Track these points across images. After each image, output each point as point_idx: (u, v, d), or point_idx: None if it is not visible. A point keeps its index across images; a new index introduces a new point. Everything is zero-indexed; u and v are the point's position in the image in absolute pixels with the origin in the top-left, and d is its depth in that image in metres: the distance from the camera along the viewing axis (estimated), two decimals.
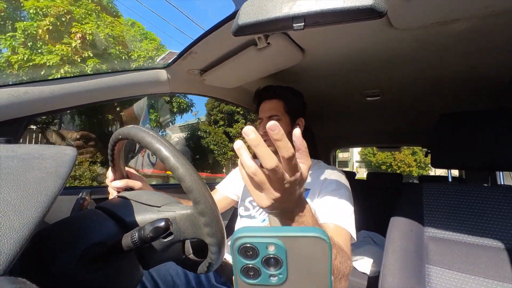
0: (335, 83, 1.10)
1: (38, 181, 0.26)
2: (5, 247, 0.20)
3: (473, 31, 0.66)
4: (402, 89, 1.12)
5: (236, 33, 0.44)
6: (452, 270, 0.64)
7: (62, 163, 0.30)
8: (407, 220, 0.75)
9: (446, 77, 0.97)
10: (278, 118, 0.86)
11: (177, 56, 0.83)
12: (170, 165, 0.39)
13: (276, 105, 0.87)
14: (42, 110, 0.67)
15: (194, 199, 0.39)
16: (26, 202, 0.23)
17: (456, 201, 0.73)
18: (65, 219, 0.39)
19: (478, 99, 1.15)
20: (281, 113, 0.87)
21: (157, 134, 0.42)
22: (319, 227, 0.26)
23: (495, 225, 0.65)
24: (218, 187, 1.03)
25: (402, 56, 0.82)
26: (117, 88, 0.79)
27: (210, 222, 0.39)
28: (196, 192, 0.38)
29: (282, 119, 0.86)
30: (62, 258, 0.32)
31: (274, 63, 0.85)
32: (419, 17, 0.59)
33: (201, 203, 0.39)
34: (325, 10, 0.37)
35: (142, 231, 0.35)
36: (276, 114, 0.86)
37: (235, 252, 0.23)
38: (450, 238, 0.69)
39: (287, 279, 0.23)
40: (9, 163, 0.27)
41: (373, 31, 0.68)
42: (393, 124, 1.73)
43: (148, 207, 0.44)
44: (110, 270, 0.36)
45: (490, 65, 0.85)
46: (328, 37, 0.73)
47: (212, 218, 0.39)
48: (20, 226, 0.21)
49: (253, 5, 0.41)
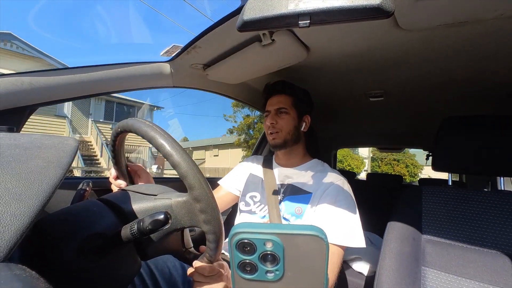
0: (338, 83, 1.09)
1: (39, 170, 0.26)
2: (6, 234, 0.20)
3: (480, 34, 0.65)
4: (406, 90, 1.11)
5: (241, 29, 0.44)
6: (448, 273, 0.64)
7: (64, 153, 0.30)
8: (405, 222, 0.75)
9: (451, 80, 0.96)
10: (286, 111, 0.87)
11: (181, 50, 0.83)
12: (165, 151, 0.39)
13: (285, 99, 0.89)
14: (45, 100, 0.67)
15: (189, 185, 0.39)
16: (27, 190, 0.23)
17: (456, 205, 0.73)
18: (65, 208, 0.40)
19: (483, 103, 1.14)
20: (289, 106, 0.88)
21: (152, 124, 0.42)
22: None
23: (493, 230, 0.65)
24: (220, 182, 1.03)
25: (408, 57, 0.82)
26: (120, 80, 0.79)
27: (206, 208, 0.39)
28: (191, 178, 0.39)
29: (289, 113, 0.88)
30: (61, 247, 0.33)
31: (278, 60, 0.84)
32: (427, 19, 0.58)
33: (196, 188, 0.39)
34: (332, 8, 0.37)
35: (142, 223, 0.36)
36: (284, 107, 0.88)
37: (232, 247, 0.23)
38: (448, 241, 0.69)
39: (284, 276, 0.24)
40: (11, 151, 0.27)
41: (379, 31, 0.68)
42: (395, 126, 1.72)
43: (145, 196, 0.45)
44: (108, 260, 0.37)
45: (497, 70, 0.84)
46: (333, 36, 0.73)
47: (207, 204, 0.39)
48: (21, 214, 0.22)
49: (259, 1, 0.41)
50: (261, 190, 0.89)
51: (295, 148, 0.91)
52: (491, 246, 0.64)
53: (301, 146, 0.93)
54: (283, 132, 0.86)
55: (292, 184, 0.85)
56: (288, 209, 0.80)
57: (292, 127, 0.87)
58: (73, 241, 0.34)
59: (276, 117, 0.87)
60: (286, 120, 0.87)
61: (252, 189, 0.92)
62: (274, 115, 0.88)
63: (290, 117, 0.87)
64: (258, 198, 0.88)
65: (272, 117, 0.87)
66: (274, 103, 0.89)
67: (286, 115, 0.87)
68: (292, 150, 0.91)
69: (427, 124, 1.52)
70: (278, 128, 0.86)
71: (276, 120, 0.87)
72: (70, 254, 0.33)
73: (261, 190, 0.89)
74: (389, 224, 0.77)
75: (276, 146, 0.87)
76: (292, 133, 0.87)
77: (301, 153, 0.93)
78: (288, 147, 0.89)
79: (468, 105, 1.17)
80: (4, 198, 0.22)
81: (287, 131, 0.86)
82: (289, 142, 0.87)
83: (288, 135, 0.87)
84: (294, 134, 0.88)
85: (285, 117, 0.87)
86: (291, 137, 0.87)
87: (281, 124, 0.86)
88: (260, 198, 0.88)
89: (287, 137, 0.87)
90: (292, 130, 0.87)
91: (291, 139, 0.87)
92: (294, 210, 0.79)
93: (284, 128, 0.86)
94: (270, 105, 0.90)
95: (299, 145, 0.92)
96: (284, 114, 0.87)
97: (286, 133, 0.86)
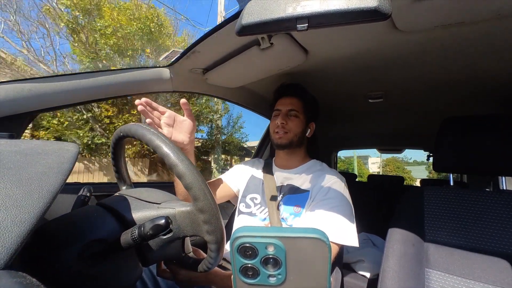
0: (338, 85, 1.10)
1: (40, 176, 0.26)
2: (7, 241, 0.20)
3: (478, 35, 0.65)
4: (406, 92, 1.11)
5: (239, 33, 0.44)
6: (451, 274, 0.64)
7: (64, 159, 0.30)
8: (407, 223, 0.75)
9: (450, 80, 0.96)
10: (297, 114, 0.89)
11: (180, 54, 0.83)
12: (170, 161, 0.39)
13: (297, 102, 0.90)
14: (45, 106, 0.67)
15: (194, 196, 0.39)
16: (28, 197, 0.23)
17: (458, 206, 0.72)
18: (66, 214, 0.40)
19: (482, 103, 1.14)
20: (300, 110, 0.89)
21: (158, 132, 0.42)
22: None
23: (496, 230, 0.65)
24: (221, 176, 1.02)
25: (406, 58, 0.82)
26: (120, 85, 0.79)
27: (210, 219, 0.39)
28: (196, 189, 0.38)
29: (299, 117, 0.89)
30: (62, 253, 0.33)
31: (277, 64, 0.85)
32: (424, 20, 0.59)
33: (201, 200, 0.39)
34: (329, 11, 0.37)
35: (142, 228, 0.35)
36: (296, 109, 0.89)
37: (234, 252, 0.23)
38: (451, 242, 0.68)
39: (286, 280, 0.23)
40: (12, 158, 0.27)
41: (377, 33, 0.68)
42: (395, 127, 1.72)
43: (147, 204, 0.45)
44: (110, 266, 0.36)
45: (496, 69, 0.84)
46: (331, 39, 0.73)
47: (211, 215, 0.39)
48: (22, 220, 0.22)
49: (257, 5, 0.41)
50: (262, 193, 0.89)
51: (297, 151, 0.92)
52: (494, 246, 0.63)
53: (303, 149, 0.94)
54: (291, 133, 0.88)
55: (290, 184, 0.86)
56: (287, 208, 0.81)
57: (299, 131, 0.89)
58: (74, 247, 0.33)
59: (287, 118, 0.89)
60: (295, 122, 0.88)
61: (253, 191, 0.91)
62: (285, 115, 0.89)
63: (299, 121, 0.89)
64: (259, 200, 0.88)
65: (283, 117, 0.88)
66: (287, 103, 0.90)
67: (296, 118, 0.89)
68: (294, 152, 0.92)
69: (428, 124, 1.52)
70: (287, 129, 0.87)
71: (286, 120, 0.88)
72: (71, 260, 0.33)
73: (261, 192, 0.89)
74: (391, 224, 0.77)
75: (281, 145, 0.88)
76: (299, 137, 0.89)
77: (302, 155, 0.94)
78: (291, 149, 0.90)
79: (468, 105, 1.17)
80: (5, 205, 0.22)
81: (295, 133, 0.88)
82: (293, 144, 0.89)
83: (295, 137, 0.88)
84: (300, 138, 0.89)
85: (295, 120, 0.88)
86: (297, 140, 0.89)
87: (291, 125, 0.88)
88: (260, 200, 0.88)
89: (294, 139, 0.88)
90: (299, 134, 0.89)
91: (296, 141, 0.89)
92: (292, 209, 0.80)
93: (293, 130, 0.88)
94: (282, 104, 0.91)
95: (301, 148, 0.93)
96: (295, 117, 0.89)
97: (294, 135, 0.88)
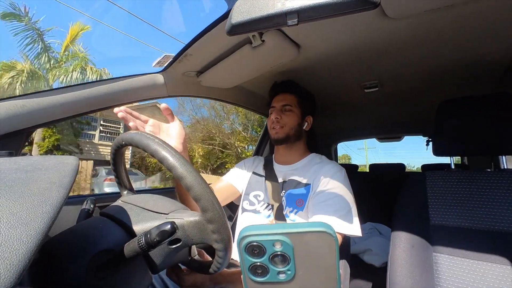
0: (332, 77, 1.10)
1: (42, 192, 0.26)
2: (14, 259, 0.20)
3: (468, 16, 0.65)
4: (401, 78, 1.11)
5: (230, 33, 0.44)
6: (459, 257, 0.64)
7: (65, 173, 0.30)
8: (411, 209, 0.75)
9: (444, 64, 0.96)
10: (291, 108, 0.91)
11: (172, 59, 0.83)
12: (178, 173, 0.39)
13: (291, 97, 0.93)
14: (41, 121, 0.67)
15: (203, 207, 0.39)
16: (32, 213, 0.23)
17: (460, 187, 0.72)
18: (71, 228, 0.40)
19: (478, 84, 1.14)
20: (294, 105, 0.92)
21: (162, 141, 0.41)
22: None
23: (500, 209, 0.65)
24: (223, 177, 1.02)
25: (398, 45, 0.82)
26: (114, 95, 0.79)
27: (218, 228, 0.40)
28: (205, 200, 0.39)
29: (294, 111, 0.91)
30: (70, 267, 0.33)
31: (270, 60, 0.85)
32: (413, 5, 0.59)
33: (209, 211, 0.39)
34: (319, 4, 0.37)
35: (149, 235, 0.35)
36: (290, 104, 0.92)
37: (242, 251, 0.23)
38: (456, 225, 0.68)
39: (296, 275, 0.23)
40: (13, 175, 0.27)
41: (368, 22, 0.68)
42: (393, 115, 1.72)
43: (155, 214, 0.44)
44: (119, 276, 0.36)
45: (489, 49, 0.84)
46: (322, 31, 0.73)
47: (220, 224, 0.40)
48: (28, 237, 0.21)
49: (246, 4, 0.41)
50: (264, 189, 0.89)
51: (296, 145, 0.93)
52: (499, 226, 0.64)
53: (302, 143, 0.95)
54: (286, 127, 0.89)
55: (291, 179, 0.87)
56: (290, 203, 0.81)
57: (295, 124, 0.91)
58: (82, 259, 0.33)
59: (281, 113, 0.91)
60: (290, 116, 0.90)
61: (256, 188, 0.92)
62: (279, 110, 0.92)
63: (294, 114, 0.91)
64: (262, 197, 0.88)
65: (277, 112, 0.91)
66: (280, 100, 0.93)
67: (290, 112, 0.91)
68: (293, 146, 0.93)
69: (425, 110, 1.52)
70: (282, 123, 0.90)
71: (281, 115, 0.90)
72: (80, 273, 0.33)
73: (264, 189, 0.89)
74: (395, 212, 0.77)
75: (278, 140, 0.90)
76: (295, 130, 0.90)
77: (301, 149, 0.94)
78: (289, 143, 0.91)
79: (465, 87, 1.17)
80: (9, 222, 0.22)
81: (291, 127, 0.90)
82: (291, 138, 0.90)
83: (291, 130, 0.90)
84: (297, 131, 0.91)
85: (289, 114, 0.91)
86: (294, 133, 0.90)
87: (285, 120, 0.90)
88: (263, 197, 0.88)
89: (290, 132, 0.90)
90: (295, 127, 0.90)
91: (293, 135, 0.90)
92: (295, 204, 0.80)
93: (288, 124, 0.90)
94: (276, 101, 0.94)
95: (300, 142, 0.94)
96: (289, 111, 0.91)
97: (289, 129, 0.90)
